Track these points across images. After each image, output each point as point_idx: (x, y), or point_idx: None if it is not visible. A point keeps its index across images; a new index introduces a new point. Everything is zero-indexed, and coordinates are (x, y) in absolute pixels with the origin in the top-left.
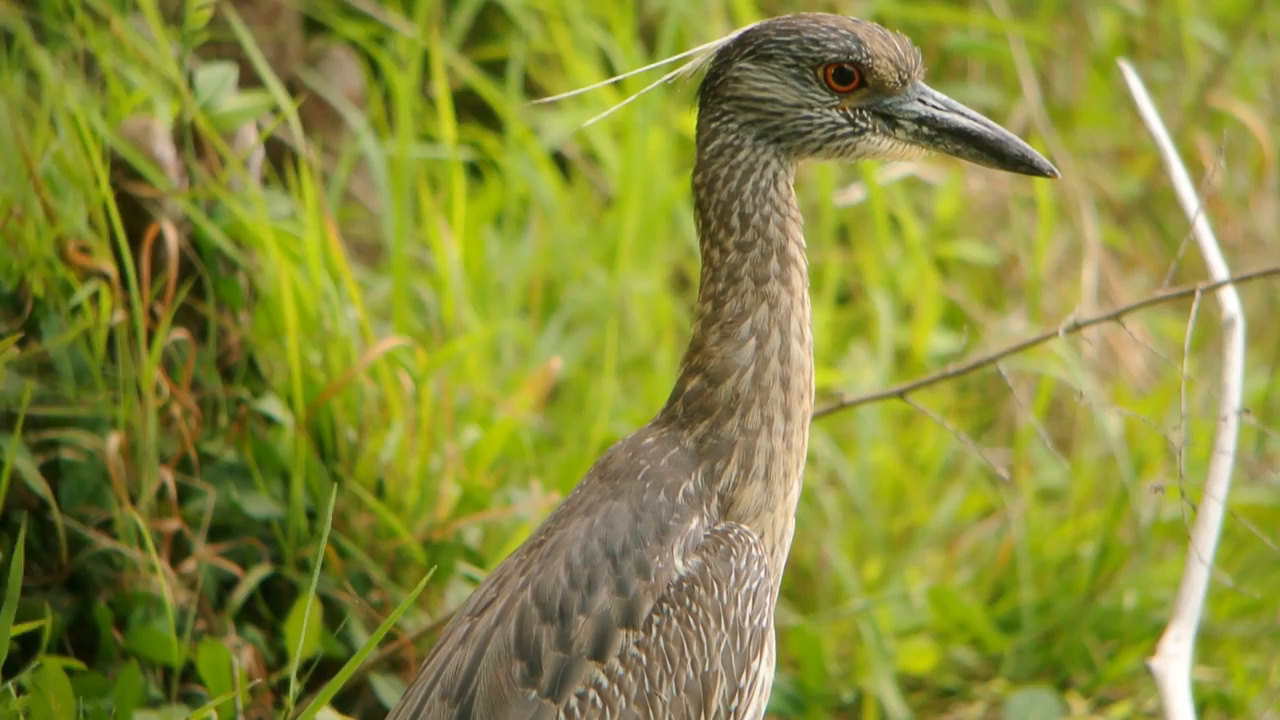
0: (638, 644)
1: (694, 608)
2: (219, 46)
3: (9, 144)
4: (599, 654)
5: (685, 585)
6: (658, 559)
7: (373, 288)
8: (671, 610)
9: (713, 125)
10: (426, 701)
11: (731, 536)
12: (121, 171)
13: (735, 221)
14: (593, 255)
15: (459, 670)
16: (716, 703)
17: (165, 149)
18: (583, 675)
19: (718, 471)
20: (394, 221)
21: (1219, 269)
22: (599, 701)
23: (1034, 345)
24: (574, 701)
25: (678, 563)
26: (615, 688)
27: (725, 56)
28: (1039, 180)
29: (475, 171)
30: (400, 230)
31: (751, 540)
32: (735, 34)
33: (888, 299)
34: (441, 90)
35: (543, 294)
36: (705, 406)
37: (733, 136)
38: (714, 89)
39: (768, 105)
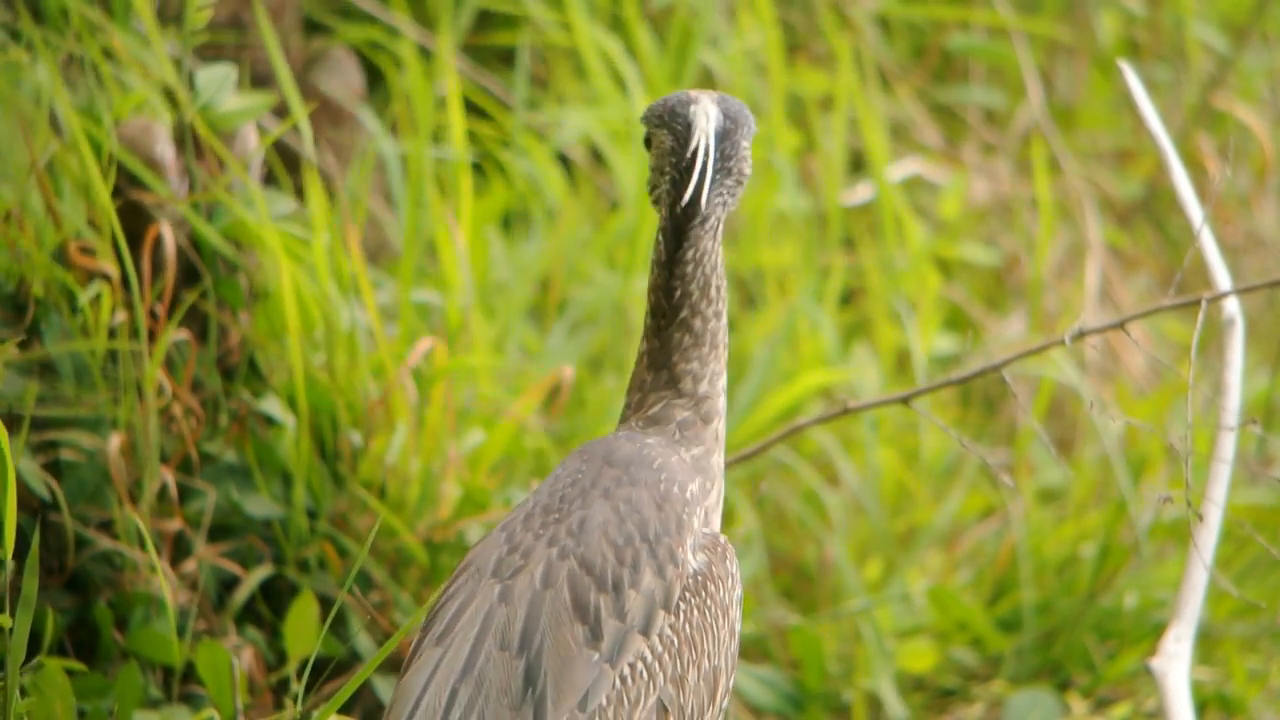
0: (671, 627)
1: (708, 602)
2: (219, 47)
3: (12, 146)
4: (646, 630)
5: (699, 579)
6: (681, 550)
7: (378, 287)
8: (693, 600)
9: (714, 200)
10: (482, 651)
11: (723, 542)
12: (122, 174)
13: (713, 293)
14: (597, 256)
15: (511, 626)
16: (720, 696)
17: (165, 150)
18: (634, 647)
19: (706, 489)
20: (406, 223)
21: (1222, 277)
22: (645, 674)
23: (1039, 352)
24: (627, 670)
25: (690, 557)
26: (656, 663)
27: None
28: (1041, 181)
29: (479, 170)
30: (410, 235)
31: (733, 550)
32: (718, 117)
33: (891, 301)
34: (453, 91)
35: (549, 294)
36: (698, 436)
37: (721, 210)
38: (716, 166)
39: (743, 179)
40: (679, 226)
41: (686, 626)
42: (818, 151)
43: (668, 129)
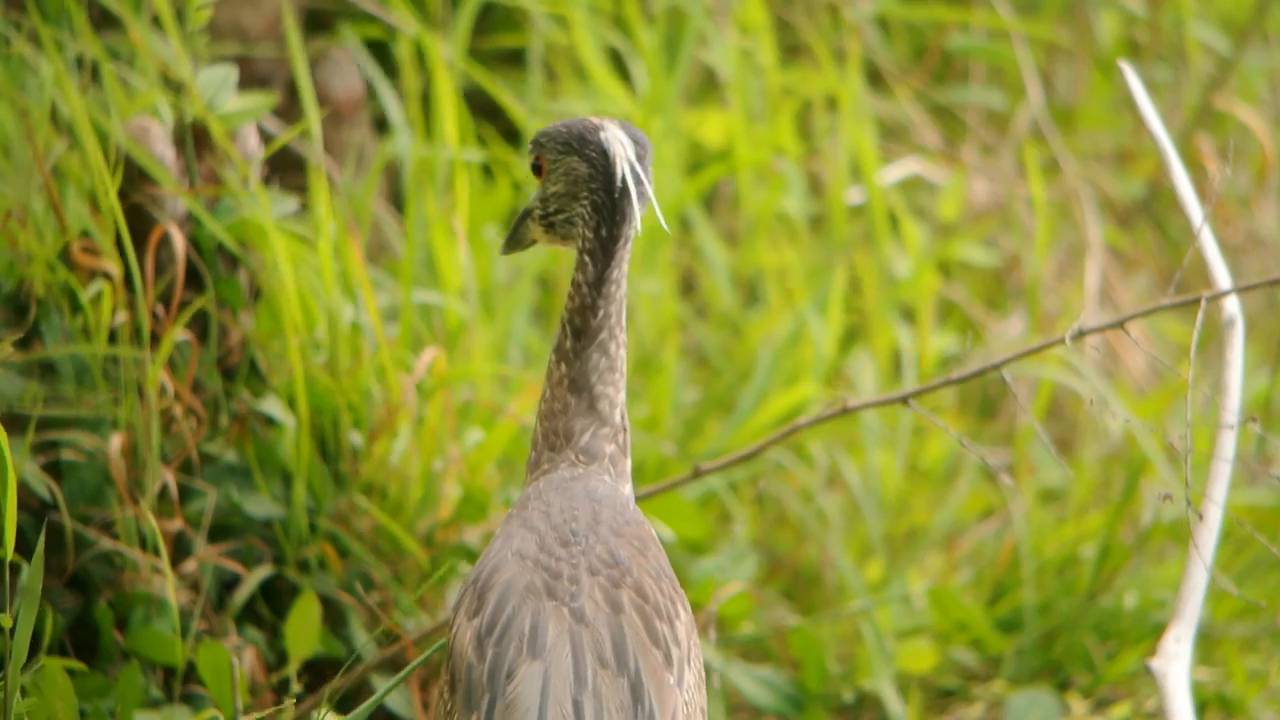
0: (694, 656)
1: (694, 634)
2: (218, 47)
3: (16, 146)
4: (689, 660)
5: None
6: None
7: (379, 287)
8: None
9: (634, 222)
10: (587, 667)
11: None
12: (124, 173)
13: (623, 316)
14: None
15: (602, 645)
16: None
17: (165, 150)
18: (688, 675)
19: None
20: (407, 225)
21: (1222, 277)
22: (693, 701)
23: (1039, 352)
24: (686, 695)
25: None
26: (694, 691)
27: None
28: (1036, 181)
29: (486, 171)
30: (411, 240)
31: None
32: (630, 143)
33: (889, 304)
34: (446, 91)
35: (552, 294)
36: (625, 472)
37: (634, 232)
38: (639, 189)
39: (648, 200)
40: (605, 247)
41: (696, 659)
42: (820, 153)
43: (578, 156)
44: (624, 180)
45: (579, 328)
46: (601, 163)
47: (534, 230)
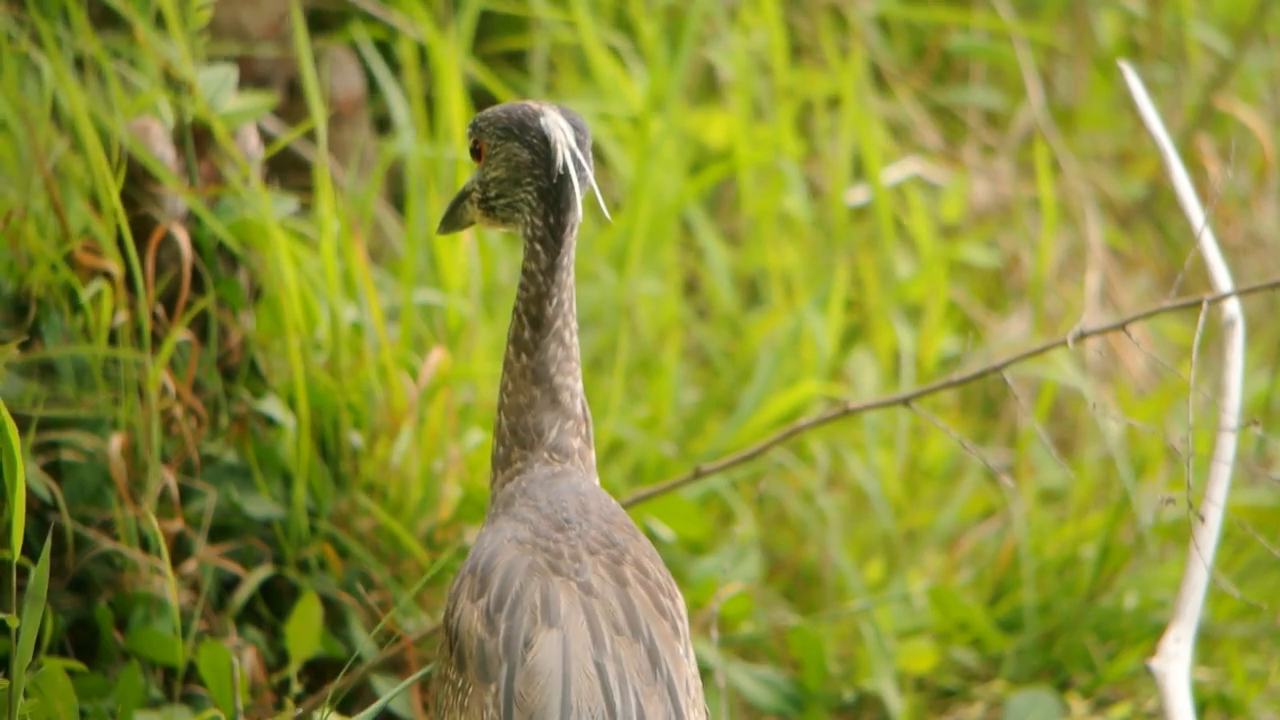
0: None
1: None
2: (218, 47)
3: (19, 145)
4: (690, 637)
5: None
6: None
7: (380, 287)
8: None
9: (577, 208)
10: (604, 634)
11: None
12: (125, 172)
13: (574, 307)
14: (600, 255)
15: (615, 614)
16: None
17: (165, 151)
18: (691, 651)
19: None
20: (407, 226)
21: (1222, 278)
22: (697, 676)
23: (1040, 354)
24: (691, 669)
25: None
26: (696, 667)
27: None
28: (1044, 181)
29: None
30: (412, 239)
31: None
32: (569, 129)
33: (892, 305)
34: (453, 89)
35: None
36: (592, 466)
37: (578, 218)
38: (580, 175)
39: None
40: (554, 234)
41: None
42: (822, 154)
43: (519, 142)
44: (564, 167)
45: (535, 317)
46: (542, 149)
47: (472, 212)
